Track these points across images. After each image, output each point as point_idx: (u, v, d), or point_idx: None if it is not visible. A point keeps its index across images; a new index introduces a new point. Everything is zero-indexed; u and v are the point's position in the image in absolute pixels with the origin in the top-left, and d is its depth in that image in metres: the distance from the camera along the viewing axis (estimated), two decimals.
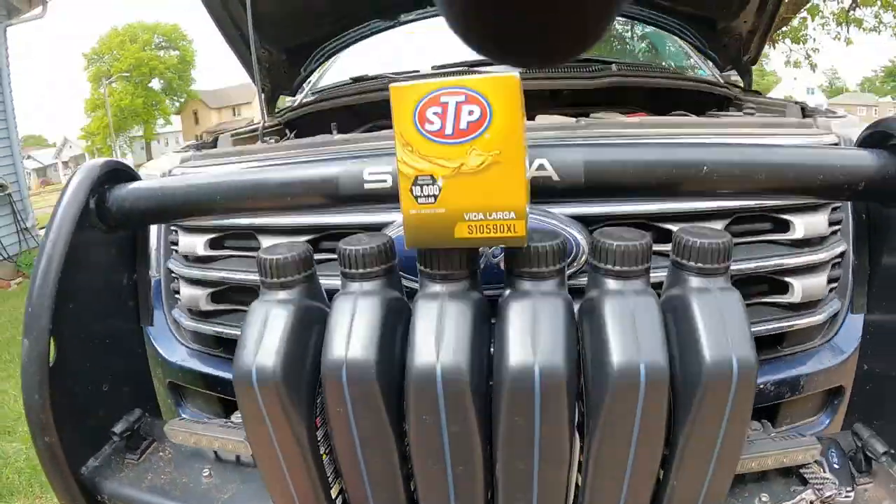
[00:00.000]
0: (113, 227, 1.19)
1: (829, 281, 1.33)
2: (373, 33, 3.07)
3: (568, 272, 1.11)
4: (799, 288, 1.28)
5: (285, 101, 3.25)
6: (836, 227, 1.34)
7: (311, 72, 3.21)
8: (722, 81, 2.75)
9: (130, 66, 50.06)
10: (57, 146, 69.20)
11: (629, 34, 3.66)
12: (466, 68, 2.74)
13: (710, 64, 3.12)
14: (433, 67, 2.96)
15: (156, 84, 53.70)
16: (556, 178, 0.92)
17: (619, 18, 3.32)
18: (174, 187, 1.13)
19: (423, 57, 3.40)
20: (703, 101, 2.64)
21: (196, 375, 1.52)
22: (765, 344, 1.34)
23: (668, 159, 0.93)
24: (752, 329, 0.86)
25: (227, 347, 1.53)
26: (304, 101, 3.10)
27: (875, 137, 1.06)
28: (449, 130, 0.79)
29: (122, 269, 1.32)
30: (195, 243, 1.51)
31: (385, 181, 0.94)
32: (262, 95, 2.81)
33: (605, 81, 2.42)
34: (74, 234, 1.09)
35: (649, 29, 3.36)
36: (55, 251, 1.07)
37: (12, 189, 8.61)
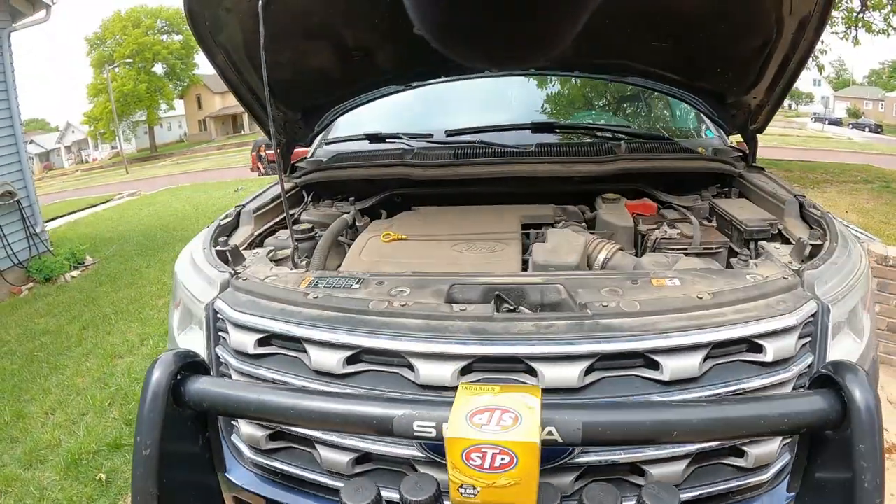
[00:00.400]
0: (188, 409, 1.35)
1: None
2: (385, 95, 3.13)
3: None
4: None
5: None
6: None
7: (326, 126, 3.27)
8: (727, 155, 2.81)
9: (133, 51, 49.91)
10: (60, 130, 69.07)
11: (641, 93, 3.71)
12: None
13: (717, 128, 3.18)
14: (447, 133, 3.04)
15: (159, 69, 53.68)
16: (559, 439, 1.12)
17: (633, 87, 3.38)
18: (247, 398, 1.30)
19: (435, 116, 3.48)
20: (707, 179, 2.73)
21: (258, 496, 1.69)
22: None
23: (646, 420, 1.15)
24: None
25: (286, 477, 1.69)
26: (319, 157, 3.17)
27: (822, 380, 1.21)
28: (486, 466, 1.09)
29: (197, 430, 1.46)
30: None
31: (430, 432, 1.14)
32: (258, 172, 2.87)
33: (613, 168, 2.52)
34: (161, 422, 1.27)
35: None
36: (147, 437, 1.27)
37: (21, 195, 8.62)
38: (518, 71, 3.27)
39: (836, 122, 53.99)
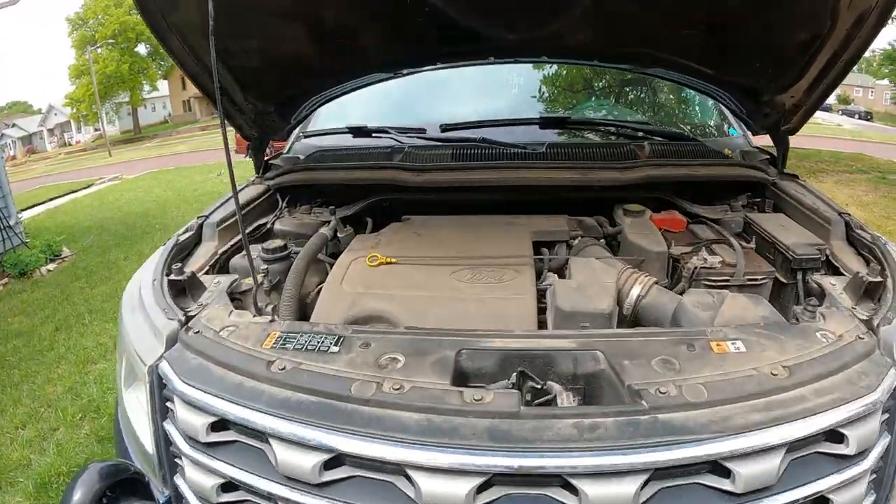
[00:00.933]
0: None
1: None
2: (371, 83, 2.74)
3: None
4: None
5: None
6: None
7: (304, 118, 2.92)
8: (756, 159, 2.53)
9: (116, 31, 49.12)
10: (42, 113, 68.30)
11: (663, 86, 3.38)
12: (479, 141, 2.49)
13: (742, 125, 2.87)
14: (442, 127, 2.70)
15: (142, 49, 52.70)
16: None
17: (660, 80, 3.05)
18: None
19: (428, 106, 3.14)
20: (737, 187, 2.45)
21: None
22: None
23: None
24: None
25: None
26: (296, 153, 2.85)
27: None
28: None
29: None
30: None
31: None
32: (246, 155, 2.55)
33: (637, 176, 2.23)
34: None
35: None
36: None
37: None
38: (529, 57, 2.88)
39: (826, 109, 54.04)
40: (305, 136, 3.07)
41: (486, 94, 3.27)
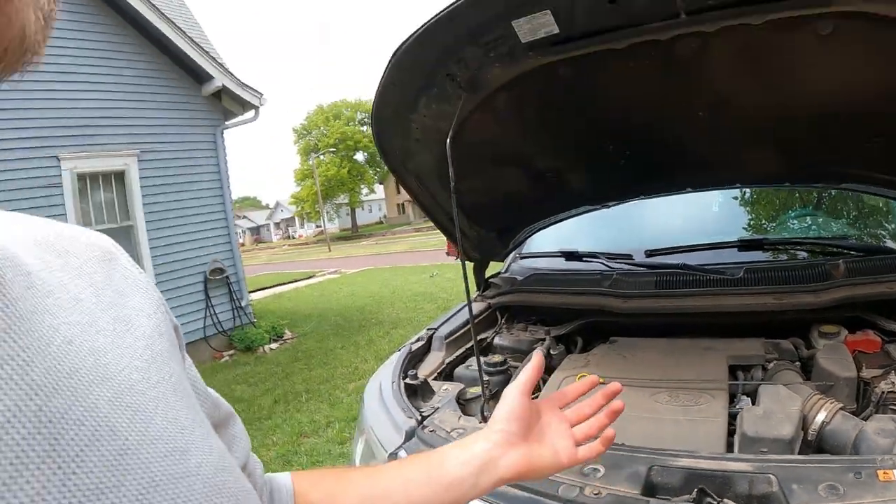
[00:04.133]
0: None
1: None
2: (581, 213, 3.04)
3: None
4: None
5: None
6: None
7: (521, 243, 3.23)
8: None
9: (336, 140, 54.78)
10: (270, 209, 76.25)
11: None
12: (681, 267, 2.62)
13: None
14: (646, 252, 2.86)
15: (360, 156, 58.08)
16: None
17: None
18: None
19: (634, 232, 3.32)
20: None
21: None
22: None
23: None
24: None
25: None
26: (514, 274, 3.11)
27: None
28: None
29: None
30: None
31: None
32: (456, 258, 2.83)
33: (832, 298, 2.21)
34: None
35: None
36: None
37: (229, 272, 9.72)
38: (723, 186, 3.03)
39: None
40: (522, 258, 3.33)
41: (687, 218, 3.38)
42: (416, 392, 2.00)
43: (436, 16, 1.71)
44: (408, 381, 2.05)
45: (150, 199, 8.92)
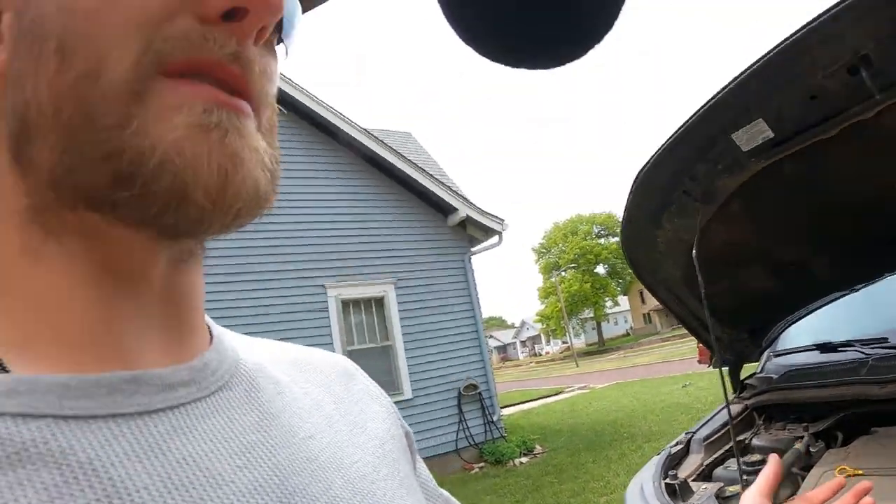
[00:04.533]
0: None
1: None
2: (830, 302, 2.92)
3: None
4: None
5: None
6: None
7: (773, 340, 3.11)
8: None
9: (576, 256, 55.24)
10: (515, 327, 78.26)
11: None
12: None
13: None
14: None
15: (601, 269, 57.90)
16: None
17: None
18: None
19: (887, 312, 3.09)
20: None
21: None
22: None
23: None
24: None
25: None
26: (769, 373, 3.01)
27: None
28: None
29: None
30: None
31: None
32: (709, 365, 2.81)
33: None
34: None
35: None
36: None
37: (482, 388, 10.26)
38: None
39: None
40: (776, 356, 3.21)
41: None
42: (676, 492, 2.03)
43: (665, 143, 1.96)
44: (668, 481, 2.09)
45: (406, 321, 9.97)
